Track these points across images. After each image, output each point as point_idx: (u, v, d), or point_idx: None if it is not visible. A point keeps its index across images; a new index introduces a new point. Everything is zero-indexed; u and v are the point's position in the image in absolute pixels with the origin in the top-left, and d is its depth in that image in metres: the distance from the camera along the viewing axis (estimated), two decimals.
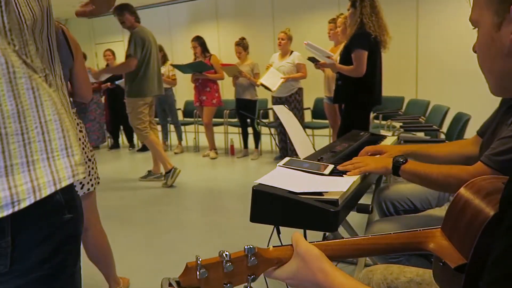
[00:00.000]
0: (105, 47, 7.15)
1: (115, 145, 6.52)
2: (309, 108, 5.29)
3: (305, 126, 4.93)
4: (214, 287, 0.66)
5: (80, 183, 1.74)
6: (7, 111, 0.53)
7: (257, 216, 1.25)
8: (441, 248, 0.72)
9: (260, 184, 1.27)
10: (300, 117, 4.65)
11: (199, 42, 5.09)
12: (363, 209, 1.37)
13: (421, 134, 3.95)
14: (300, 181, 1.33)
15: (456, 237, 0.72)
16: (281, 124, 4.81)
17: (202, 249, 2.60)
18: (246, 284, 0.69)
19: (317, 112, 5.24)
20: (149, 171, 4.47)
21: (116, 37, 8.64)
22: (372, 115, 4.59)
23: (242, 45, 5.01)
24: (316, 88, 5.17)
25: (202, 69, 5.01)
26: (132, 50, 3.87)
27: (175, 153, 5.77)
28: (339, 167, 1.47)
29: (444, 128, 3.28)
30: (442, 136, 3.20)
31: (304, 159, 1.62)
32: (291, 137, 1.78)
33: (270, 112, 5.64)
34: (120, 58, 6.81)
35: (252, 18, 7.02)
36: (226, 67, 4.97)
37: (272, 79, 4.51)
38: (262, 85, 4.53)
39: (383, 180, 2.51)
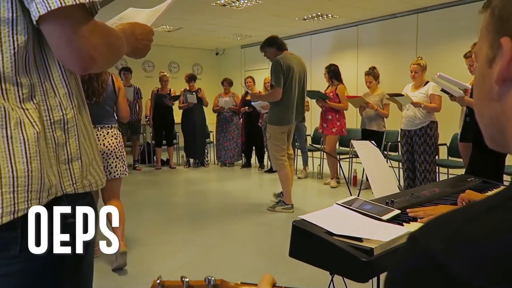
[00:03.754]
0: (252, 73, 7.80)
1: (247, 164, 6.99)
2: (445, 144, 4.78)
3: (438, 163, 4.47)
4: None
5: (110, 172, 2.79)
6: None
7: (294, 252, 1.23)
8: None
9: (302, 219, 1.26)
10: (431, 154, 4.23)
11: (328, 70, 5.17)
12: None
13: None
14: (348, 222, 1.26)
15: None
16: (408, 159, 4.48)
17: (286, 276, 2.60)
18: None
19: (455, 150, 4.68)
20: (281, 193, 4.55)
21: (262, 65, 9.34)
22: None
23: (372, 75, 4.87)
24: (456, 123, 4.64)
25: (319, 97, 5.06)
26: (274, 81, 3.89)
27: (299, 177, 5.87)
28: (410, 212, 1.35)
29: None
30: None
31: (374, 200, 1.52)
32: (368, 174, 1.69)
33: (400, 145, 5.28)
34: (259, 84, 7.37)
35: (394, 46, 6.74)
36: (352, 99, 4.90)
37: (403, 100, 4.22)
38: (391, 94, 4.27)
39: None
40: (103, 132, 2.82)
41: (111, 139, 2.83)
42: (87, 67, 0.78)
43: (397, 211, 1.35)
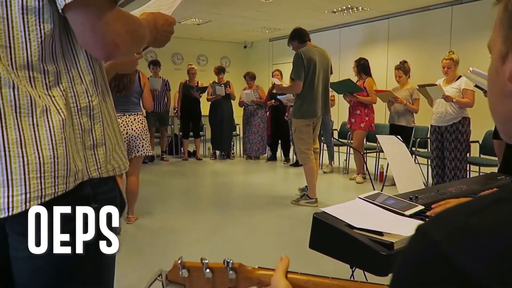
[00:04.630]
0: (280, 67, 7.77)
1: (273, 158, 7.00)
2: (477, 142, 4.62)
3: (469, 161, 4.33)
4: None
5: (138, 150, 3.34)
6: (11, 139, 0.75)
7: (315, 244, 1.24)
8: None
9: (323, 212, 1.26)
10: (462, 151, 4.10)
11: (357, 63, 5.10)
12: None
13: None
14: (369, 216, 1.25)
15: None
16: (438, 156, 4.36)
17: (307, 269, 2.60)
18: None
19: (487, 147, 4.52)
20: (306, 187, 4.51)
21: (290, 58, 9.19)
22: None
23: (402, 69, 4.76)
24: (490, 119, 4.47)
25: (350, 88, 4.97)
26: (294, 74, 3.91)
27: (324, 172, 5.83)
28: (434, 206, 1.33)
29: None
30: None
31: (397, 195, 1.50)
32: (393, 169, 1.67)
33: (429, 141, 5.14)
34: (287, 77, 7.33)
35: (426, 40, 6.54)
36: (380, 93, 4.81)
37: (434, 92, 4.10)
38: (422, 85, 4.16)
39: None
40: (130, 118, 3.37)
41: (138, 124, 3.40)
42: (111, 54, 0.79)
43: (420, 207, 1.33)
